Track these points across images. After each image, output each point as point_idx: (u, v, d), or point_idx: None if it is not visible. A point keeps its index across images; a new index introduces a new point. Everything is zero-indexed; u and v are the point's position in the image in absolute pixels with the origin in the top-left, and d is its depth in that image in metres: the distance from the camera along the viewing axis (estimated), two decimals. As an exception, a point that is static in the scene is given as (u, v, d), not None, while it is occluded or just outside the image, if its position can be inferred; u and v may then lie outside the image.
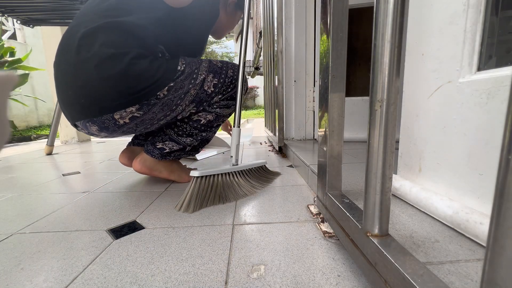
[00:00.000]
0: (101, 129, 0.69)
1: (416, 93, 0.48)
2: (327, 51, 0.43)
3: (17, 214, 0.61)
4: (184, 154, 0.81)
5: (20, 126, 3.66)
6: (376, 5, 0.27)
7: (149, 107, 0.66)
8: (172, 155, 0.78)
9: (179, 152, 0.79)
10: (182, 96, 0.69)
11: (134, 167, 0.78)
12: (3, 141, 0.19)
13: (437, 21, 0.43)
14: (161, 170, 0.80)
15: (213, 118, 0.77)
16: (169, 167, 0.81)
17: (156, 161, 0.78)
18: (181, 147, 0.77)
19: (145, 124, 0.71)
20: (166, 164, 0.80)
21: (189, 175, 0.83)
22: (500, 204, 0.15)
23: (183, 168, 0.85)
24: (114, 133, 0.72)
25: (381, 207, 0.29)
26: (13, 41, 3.62)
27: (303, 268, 0.38)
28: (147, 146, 0.78)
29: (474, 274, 0.31)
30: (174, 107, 0.69)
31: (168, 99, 0.67)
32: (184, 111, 0.72)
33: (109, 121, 0.66)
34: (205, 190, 0.63)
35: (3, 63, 2.14)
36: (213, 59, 0.75)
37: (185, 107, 0.71)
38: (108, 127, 0.68)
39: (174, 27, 0.71)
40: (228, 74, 0.75)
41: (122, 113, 0.65)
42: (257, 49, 4.17)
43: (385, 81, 0.27)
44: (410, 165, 0.51)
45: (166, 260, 0.41)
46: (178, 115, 0.73)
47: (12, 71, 2.09)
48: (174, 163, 0.83)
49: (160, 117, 0.70)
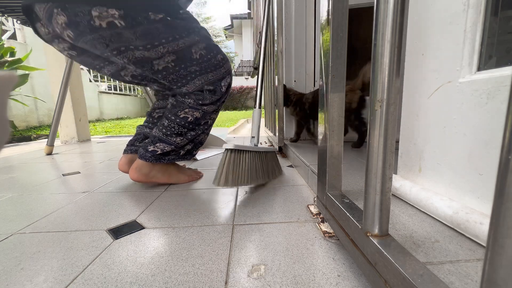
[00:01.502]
0: (69, 25, 0.58)
1: (416, 93, 0.48)
2: (327, 51, 0.43)
3: (17, 214, 0.61)
4: (178, 158, 0.79)
5: (20, 126, 3.66)
6: (376, 5, 0.27)
7: (133, 23, 0.60)
8: (166, 158, 0.76)
9: (173, 155, 0.77)
10: (170, 39, 0.65)
11: (131, 176, 0.76)
12: (3, 141, 0.19)
13: (437, 21, 0.43)
14: (157, 175, 0.77)
15: (200, 115, 0.76)
16: (165, 171, 0.79)
17: (151, 165, 0.76)
18: (172, 147, 0.76)
19: (119, 44, 0.63)
20: (161, 169, 0.78)
21: (189, 175, 0.83)
22: (500, 204, 0.15)
23: (180, 169, 0.84)
24: (81, 38, 0.62)
25: (381, 207, 0.29)
26: (13, 41, 3.62)
27: (303, 268, 0.38)
28: (140, 151, 0.76)
29: (474, 274, 0.31)
30: (157, 43, 0.64)
31: (155, 29, 0.63)
32: (162, 57, 0.67)
33: (84, 16, 0.57)
34: (237, 165, 0.64)
35: (3, 63, 2.14)
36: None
37: (165, 53, 0.66)
38: (79, 25, 0.58)
39: None
40: (217, 57, 0.73)
41: (102, 12, 0.57)
42: (257, 49, 4.17)
43: (385, 81, 0.27)
44: (410, 165, 0.51)
45: (166, 260, 0.41)
46: (155, 59, 0.67)
47: (12, 71, 2.09)
48: (170, 166, 0.81)
49: (138, 46, 0.64)
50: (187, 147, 0.79)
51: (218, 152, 1.33)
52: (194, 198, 0.67)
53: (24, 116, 3.79)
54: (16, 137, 2.71)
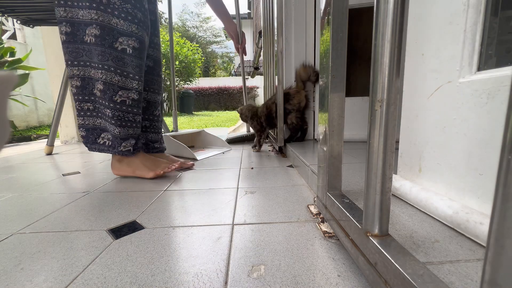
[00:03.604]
0: None
1: (416, 93, 0.48)
2: (327, 51, 0.43)
3: (17, 214, 0.61)
4: (117, 144, 0.85)
5: (20, 126, 3.66)
6: (376, 5, 0.27)
7: None
8: (110, 147, 0.87)
9: (113, 140, 0.86)
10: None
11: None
12: (3, 141, 0.19)
13: (437, 21, 0.43)
14: (124, 168, 0.89)
15: (102, 87, 0.80)
16: (132, 164, 0.89)
17: (118, 158, 0.89)
18: (102, 127, 0.86)
19: None
20: (129, 161, 0.89)
21: (155, 170, 0.89)
22: (500, 204, 0.15)
23: (147, 163, 0.90)
24: None
25: (381, 207, 0.29)
26: (13, 41, 3.62)
27: (303, 268, 0.38)
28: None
29: (474, 274, 0.31)
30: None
31: None
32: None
33: None
34: None
35: (3, 63, 2.14)
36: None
37: None
38: None
39: None
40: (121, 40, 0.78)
41: None
42: (257, 49, 4.17)
43: (385, 81, 0.27)
44: (410, 165, 0.51)
45: (166, 260, 0.41)
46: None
47: (12, 71, 2.09)
48: (136, 159, 0.89)
49: None
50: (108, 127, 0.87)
51: (218, 152, 1.33)
52: (194, 198, 0.67)
53: (24, 116, 3.79)
54: (16, 137, 2.71)
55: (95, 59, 0.79)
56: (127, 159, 0.88)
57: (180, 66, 7.35)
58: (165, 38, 7.04)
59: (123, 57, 0.80)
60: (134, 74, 0.82)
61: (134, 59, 0.81)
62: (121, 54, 0.79)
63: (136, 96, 0.84)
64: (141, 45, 0.82)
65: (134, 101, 0.84)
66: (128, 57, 0.80)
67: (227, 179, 0.85)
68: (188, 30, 20.17)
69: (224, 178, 0.85)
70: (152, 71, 0.97)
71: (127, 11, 0.77)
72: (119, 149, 0.85)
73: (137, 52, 0.81)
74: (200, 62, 8.06)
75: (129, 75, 0.81)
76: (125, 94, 0.82)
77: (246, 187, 0.75)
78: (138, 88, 0.84)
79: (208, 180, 0.84)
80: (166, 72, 7.07)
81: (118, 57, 0.79)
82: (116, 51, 0.78)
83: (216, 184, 0.79)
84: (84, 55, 0.80)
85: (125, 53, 0.79)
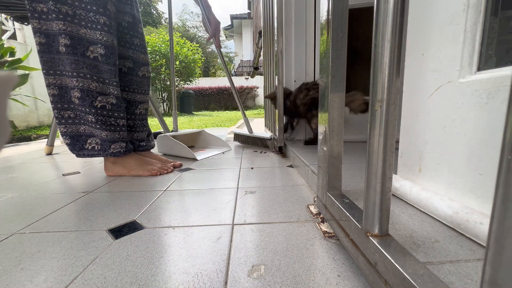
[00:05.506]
0: None
1: (416, 93, 0.48)
2: (327, 51, 0.43)
3: (17, 214, 0.61)
4: (107, 146, 0.87)
5: (20, 126, 3.66)
6: (376, 5, 0.27)
7: None
8: (100, 150, 0.88)
9: (102, 144, 0.88)
10: None
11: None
12: (3, 141, 0.19)
13: (437, 21, 0.43)
14: (119, 169, 0.91)
15: (80, 94, 0.82)
16: (127, 165, 0.91)
17: (112, 160, 0.91)
18: (88, 133, 0.88)
19: None
20: (123, 162, 0.91)
21: (150, 169, 0.92)
22: (500, 204, 0.15)
23: (141, 163, 0.93)
24: None
25: (381, 207, 0.29)
26: (13, 41, 3.61)
27: (303, 268, 0.38)
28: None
29: (474, 274, 0.31)
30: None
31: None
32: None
33: None
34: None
35: (3, 63, 2.14)
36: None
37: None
38: None
39: None
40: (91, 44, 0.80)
41: None
42: (257, 49, 4.17)
43: (385, 81, 0.27)
44: (410, 165, 0.51)
45: (166, 260, 0.41)
46: None
47: (12, 71, 2.09)
48: (130, 159, 0.92)
49: None
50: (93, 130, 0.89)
51: (218, 152, 1.33)
52: (194, 198, 0.67)
53: (24, 116, 3.79)
54: (16, 137, 2.71)
55: (68, 68, 0.81)
56: (121, 160, 0.91)
57: (180, 66, 7.35)
58: (165, 38, 7.04)
59: (97, 65, 0.82)
60: (109, 80, 0.85)
61: (105, 65, 0.83)
62: (94, 62, 0.82)
63: (114, 101, 0.86)
64: (107, 50, 0.83)
65: (113, 106, 0.87)
66: (101, 64, 0.83)
67: (227, 179, 0.85)
68: (188, 30, 20.18)
69: (224, 178, 0.85)
70: (131, 72, 0.98)
71: (91, 20, 0.79)
72: (109, 151, 0.88)
73: (105, 58, 0.83)
74: (200, 62, 8.05)
75: (105, 80, 0.84)
76: (104, 99, 0.84)
77: (246, 187, 0.75)
78: (114, 93, 0.86)
79: (208, 180, 0.84)
80: (166, 72, 7.07)
81: (91, 64, 0.81)
82: (89, 59, 0.81)
83: (216, 184, 0.79)
84: (60, 65, 0.82)
85: (97, 60, 0.82)
